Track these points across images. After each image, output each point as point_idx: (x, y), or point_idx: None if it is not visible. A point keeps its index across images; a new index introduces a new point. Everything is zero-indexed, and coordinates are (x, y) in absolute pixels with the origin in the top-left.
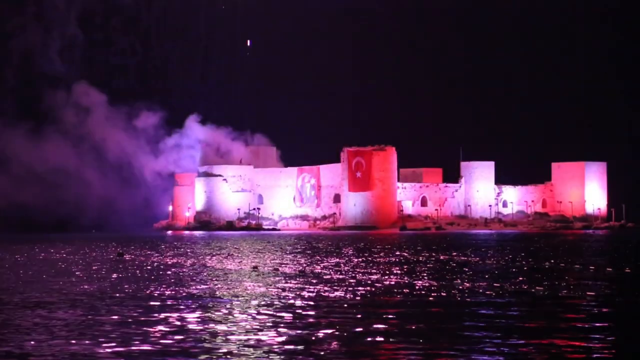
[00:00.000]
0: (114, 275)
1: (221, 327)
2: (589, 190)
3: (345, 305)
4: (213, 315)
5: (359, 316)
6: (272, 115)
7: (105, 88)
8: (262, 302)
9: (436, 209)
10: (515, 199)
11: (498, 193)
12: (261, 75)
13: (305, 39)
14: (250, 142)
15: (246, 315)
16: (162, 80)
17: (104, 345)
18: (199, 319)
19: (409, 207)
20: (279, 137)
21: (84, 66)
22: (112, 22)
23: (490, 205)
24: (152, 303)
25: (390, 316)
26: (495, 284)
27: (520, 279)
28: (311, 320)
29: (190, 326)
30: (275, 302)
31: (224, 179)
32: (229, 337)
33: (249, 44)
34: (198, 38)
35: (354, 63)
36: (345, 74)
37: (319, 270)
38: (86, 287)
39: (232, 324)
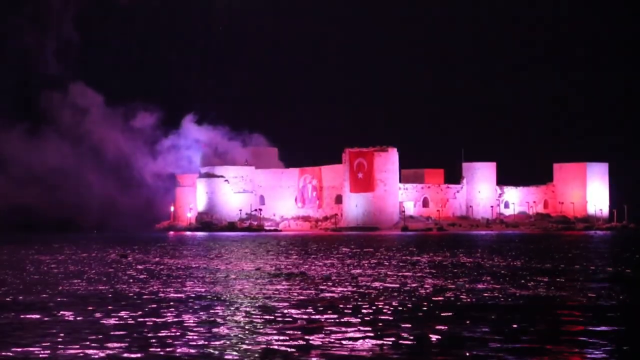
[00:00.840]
0: (112, 277)
1: (221, 330)
2: (590, 191)
3: (341, 306)
4: (214, 317)
5: (359, 320)
6: (271, 115)
7: (102, 89)
8: (264, 304)
9: (438, 210)
10: (517, 200)
11: (500, 194)
12: (261, 76)
13: (306, 40)
14: (248, 142)
15: (247, 317)
16: (159, 81)
17: (101, 347)
18: (201, 321)
19: (411, 208)
20: (279, 138)
21: (80, 67)
22: (109, 22)
23: (492, 206)
24: (152, 305)
25: (389, 319)
26: (495, 285)
27: (521, 280)
28: (310, 323)
29: (192, 328)
30: (278, 305)
31: (226, 180)
32: (227, 339)
33: None
34: (195, 38)
35: (355, 64)
36: (346, 75)
37: (319, 272)
38: (85, 288)
39: (232, 325)
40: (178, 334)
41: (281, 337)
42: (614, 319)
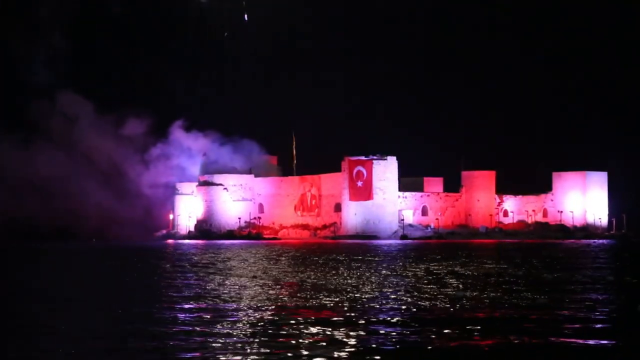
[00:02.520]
0: (110, 285)
1: (219, 333)
2: (589, 200)
3: (342, 319)
4: (212, 324)
5: (356, 332)
6: (268, 122)
7: (92, 96)
8: (261, 313)
9: (437, 218)
10: (516, 209)
11: (499, 202)
12: (258, 83)
13: (304, 47)
14: (239, 149)
15: (243, 327)
16: (150, 88)
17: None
18: (199, 328)
19: (410, 216)
20: (276, 145)
21: (70, 75)
22: (99, 30)
23: (491, 215)
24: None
25: (384, 328)
26: (494, 294)
27: (518, 289)
28: (309, 332)
29: (192, 333)
30: (276, 312)
31: (225, 188)
32: (225, 345)
33: (245, 18)
34: (186, 45)
35: (355, 71)
36: (346, 82)
37: (316, 282)
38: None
39: (229, 333)
40: (181, 340)
41: (276, 346)
42: (612, 330)
